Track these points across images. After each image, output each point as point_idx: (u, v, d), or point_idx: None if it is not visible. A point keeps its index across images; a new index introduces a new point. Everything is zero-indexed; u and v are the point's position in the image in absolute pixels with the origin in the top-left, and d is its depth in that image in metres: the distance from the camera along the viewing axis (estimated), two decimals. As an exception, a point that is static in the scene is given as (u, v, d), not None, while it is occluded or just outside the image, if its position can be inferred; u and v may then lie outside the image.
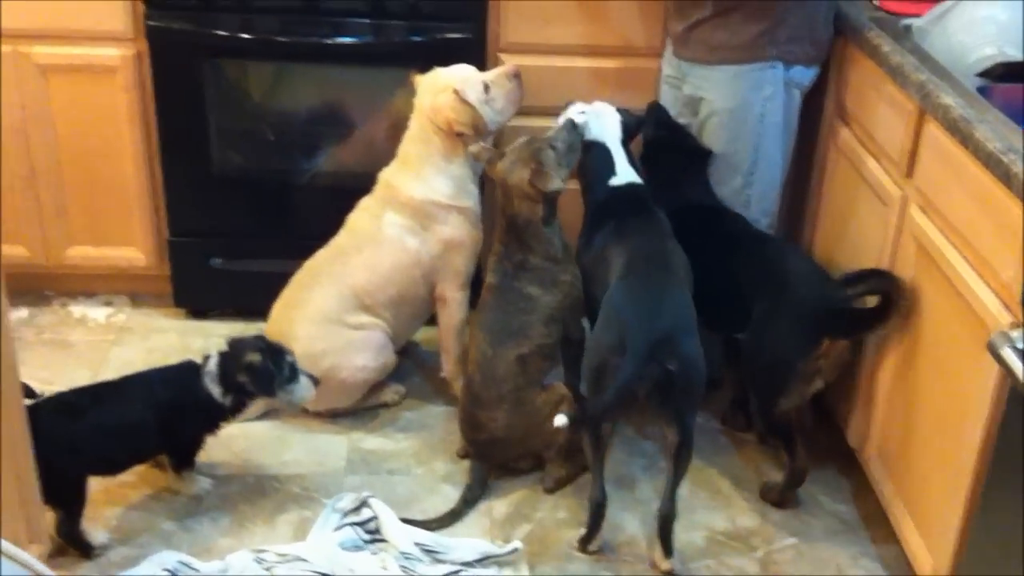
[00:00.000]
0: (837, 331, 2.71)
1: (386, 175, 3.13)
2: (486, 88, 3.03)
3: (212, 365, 2.73)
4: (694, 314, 2.65)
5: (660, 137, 3.13)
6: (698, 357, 2.57)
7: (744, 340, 2.84)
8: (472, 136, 3.01)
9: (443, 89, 3.02)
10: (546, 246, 2.85)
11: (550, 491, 2.90)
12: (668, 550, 2.66)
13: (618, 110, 3.07)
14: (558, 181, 2.81)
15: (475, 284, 3.11)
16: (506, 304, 2.85)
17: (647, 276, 2.71)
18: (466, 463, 2.96)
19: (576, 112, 3.02)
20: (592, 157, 3.01)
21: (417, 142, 3.08)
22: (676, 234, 2.88)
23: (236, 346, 2.75)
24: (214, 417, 2.79)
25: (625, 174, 3.00)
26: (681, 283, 2.72)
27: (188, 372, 2.76)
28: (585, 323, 2.98)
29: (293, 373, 2.77)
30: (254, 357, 2.70)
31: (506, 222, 2.86)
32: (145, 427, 2.69)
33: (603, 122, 3.02)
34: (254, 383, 2.72)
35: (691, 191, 3.09)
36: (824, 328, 2.70)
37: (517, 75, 3.07)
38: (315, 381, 2.83)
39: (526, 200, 2.81)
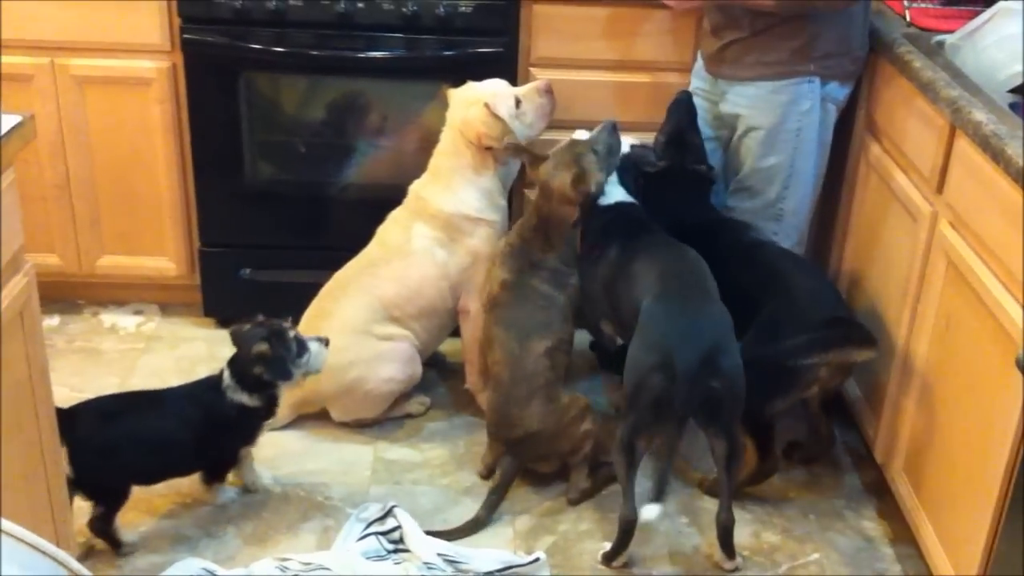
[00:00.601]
0: (841, 341, 2.70)
1: (417, 187, 3.15)
2: (517, 102, 3.05)
3: (227, 376, 2.73)
4: (731, 326, 2.65)
5: (668, 154, 3.12)
6: (739, 371, 2.59)
7: (746, 341, 2.80)
8: (501, 150, 3.03)
9: (474, 103, 3.04)
10: (567, 248, 2.92)
11: (574, 503, 2.89)
12: (731, 554, 2.70)
13: (632, 145, 3.11)
14: (600, 183, 2.89)
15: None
16: (525, 301, 2.89)
17: (682, 295, 2.72)
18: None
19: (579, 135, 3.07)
20: None
21: (448, 155, 3.10)
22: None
23: (240, 341, 2.72)
24: (252, 425, 2.79)
25: (613, 194, 3.04)
26: (715, 297, 2.73)
27: (212, 390, 2.75)
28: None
29: (301, 346, 2.74)
30: (261, 347, 2.68)
31: (537, 220, 2.91)
32: (182, 445, 2.71)
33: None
34: (271, 372, 2.70)
35: (693, 204, 3.11)
36: (830, 337, 2.70)
37: (549, 90, 3.10)
38: (324, 342, 2.80)
39: (565, 203, 2.88)
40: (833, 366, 2.72)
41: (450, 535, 2.73)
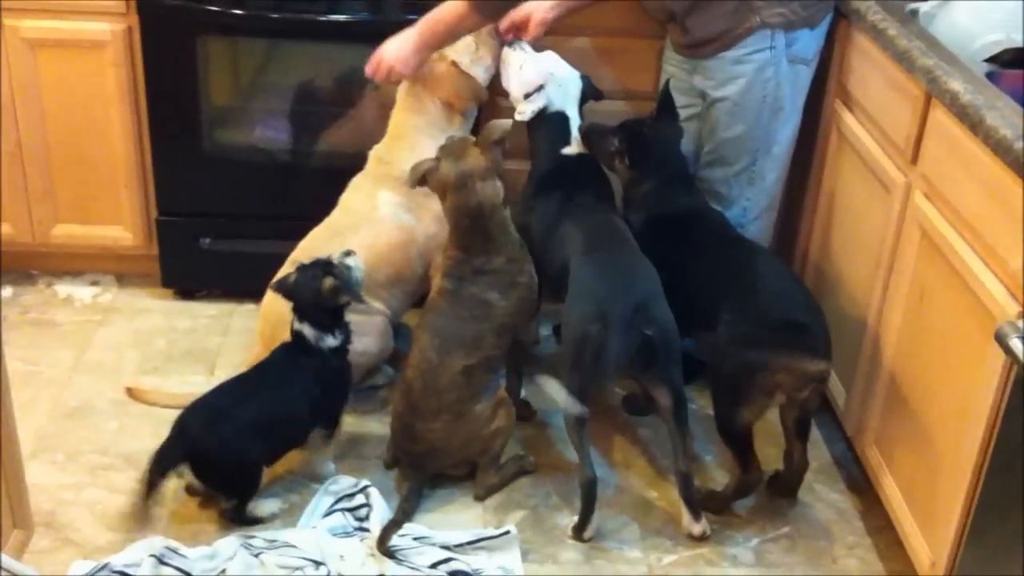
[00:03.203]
0: (796, 347, 2.59)
1: (379, 151, 3.10)
2: (476, 48, 3.06)
3: (309, 330, 2.70)
4: (659, 280, 2.68)
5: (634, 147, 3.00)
6: (671, 320, 2.62)
7: (709, 345, 2.75)
8: (469, 105, 3.06)
9: (439, 59, 3.01)
10: (510, 240, 2.76)
11: (480, 499, 2.80)
12: (695, 512, 2.68)
13: (581, 76, 3.06)
14: (504, 137, 2.76)
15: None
16: (460, 310, 2.73)
17: (611, 250, 2.76)
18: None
19: (528, 71, 3.03)
20: (547, 125, 3.03)
21: (410, 113, 3.06)
22: (656, 237, 2.87)
23: (297, 289, 2.70)
24: (347, 364, 2.79)
25: (579, 144, 3.01)
26: (641, 254, 2.75)
27: (308, 354, 2.72)
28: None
29: (346, 267, 2.74)
30: (328, 281, 2.66)
31: (468, 221, 2.71)
32: (301, 417, 2.72)
33: (565, 91, 3.04)
34: (351, 296, 2.70)
35: (674, 195, 2.99)
36: (784, 341, 2.59)
37: (499, 32, 3.09)
38: (350, 253, 2.77)
39: (488, 180, 2.70)
40: (794, 374, 2.59)
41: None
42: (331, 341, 2.72)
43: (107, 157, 3.37)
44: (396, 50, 2.96)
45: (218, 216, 3.44)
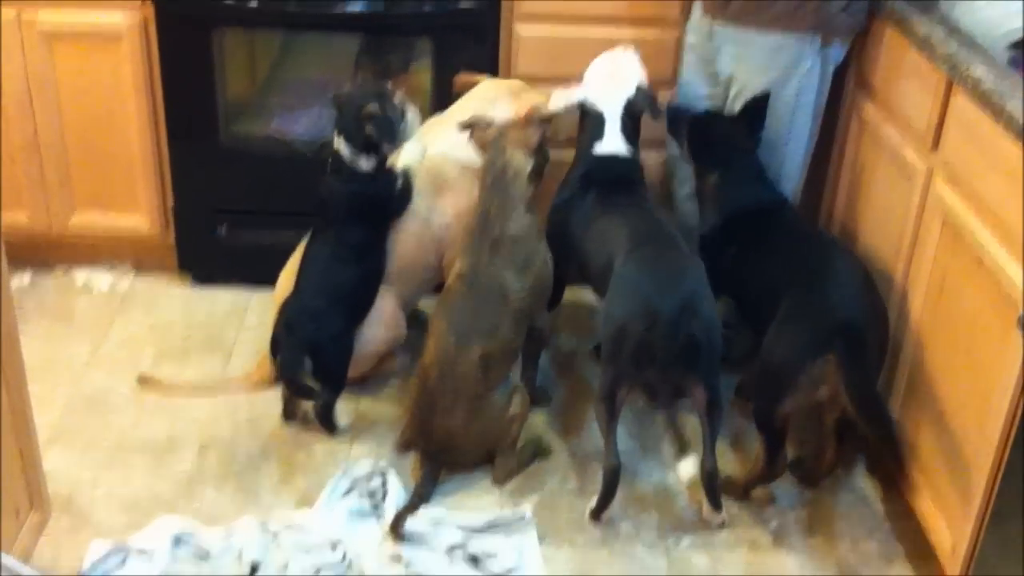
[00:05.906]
0: (845, 348, 2.52)
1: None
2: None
3: (345, 149, 2.84)
4: (705, 277, 2.67)
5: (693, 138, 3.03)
6: (716, 319, 2.63)
7: (766, 342, 2.70)
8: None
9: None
10: (528, 212, 2.80)
11: (500, 483, 2.79)
12: (716, 504, 2.67)
13: (639, 88, 3.03)
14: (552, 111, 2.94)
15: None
16: (478, 295, 2.72)
17: (657, 249, 2.74)
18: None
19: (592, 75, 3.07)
20: (586, 123, 3.04)
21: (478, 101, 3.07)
22: (730, 233, 2.90)
23: (346, 105, 2.83)
24: (389, 184, 2.94)
25: (610, 144, 3.00)
26: (687, 252, 2.75)
27: (339, 174, 2.88)
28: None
29: (399, 109, 2.85)
30: (371, 107, 2.78)
31: (491, 179, 2.79)
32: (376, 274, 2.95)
33: (607, 96, 3.03)
34: (380, 133, 2.81)
35: (747, 189, 2.96)
36: (836, 338, 2.53)
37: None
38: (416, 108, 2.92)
39: (519, 150, 2.81)
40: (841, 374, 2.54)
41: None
42: (364, 164, 2.85)
43: (123, 148, 3.37)
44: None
45: (234, 207, 3.44)
